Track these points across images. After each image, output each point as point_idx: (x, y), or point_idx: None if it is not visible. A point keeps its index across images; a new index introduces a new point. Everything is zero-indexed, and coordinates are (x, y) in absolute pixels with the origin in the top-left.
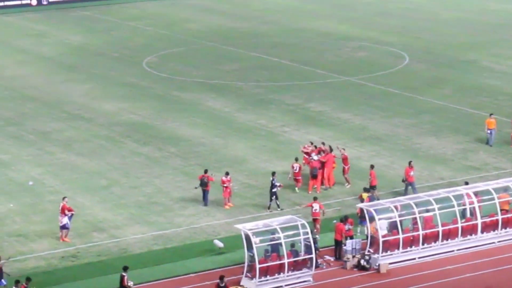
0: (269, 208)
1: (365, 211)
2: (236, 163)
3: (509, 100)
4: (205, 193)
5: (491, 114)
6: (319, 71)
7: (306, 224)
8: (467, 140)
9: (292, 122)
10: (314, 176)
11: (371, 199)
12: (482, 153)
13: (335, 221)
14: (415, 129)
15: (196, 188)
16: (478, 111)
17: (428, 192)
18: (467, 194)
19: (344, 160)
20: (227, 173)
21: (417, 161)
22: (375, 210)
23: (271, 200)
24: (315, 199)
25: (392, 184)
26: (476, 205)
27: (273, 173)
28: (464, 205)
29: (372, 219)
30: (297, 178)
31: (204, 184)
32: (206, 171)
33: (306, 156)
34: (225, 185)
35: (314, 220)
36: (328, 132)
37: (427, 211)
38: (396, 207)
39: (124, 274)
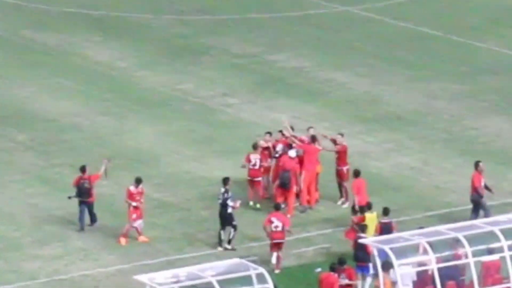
0: (220, 243)
1: (375, 252)
2: (140, 162)
3: None
4: (83, 208)
5: None
6: None
7: (267, 275)
8: None
9: (243, 88)
10: (284, 186)
11: (384, 228)
12: None
13: (319, 269)
14: (468, 102)
15: (70, 198)
16: None
17: (491, 217)
18: None
19: (341, 155)
20: (138, 181)
21: (471, 160)
22: (392, 249)
23: (223, 229)
24: (277, 208)
25: (425, 203)
26: None
27: (225, 181)
28: None
29: (386, 265)
30: (255, 180)
31: (83, 192)
32: (84, 169)
33: (267, 153)
34: (134, 203)
35: (274, 246)
36: (309, 106)
37: (490, 252)
38: (431, 245)
39: None
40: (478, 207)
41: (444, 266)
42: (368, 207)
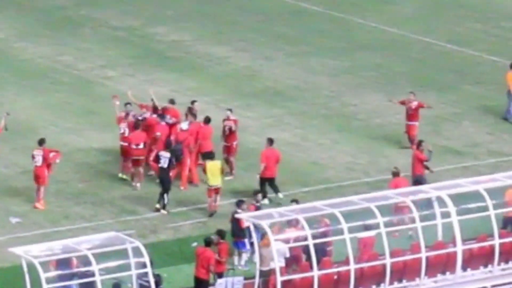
0: (164, 207)
1: (251, 227)
2: (17, 134)
3: None
4: None
5: None
6: None
7: (142, 249)
8: (449, 100)
9: (122, 61)
10: (177, 158)
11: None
12: (469, 124)
13: (195, 244)
14: (347, 79)
15: None
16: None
17: (364, 195)
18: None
19: (231, 131)
20: (41, 142)
21: (349, 136)
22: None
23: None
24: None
25: (302, 178)
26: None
27: (169, 145)
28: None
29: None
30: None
31: None
32: None
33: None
34: (35, 162)
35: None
36: (188, 80)
37: (366, 228)
38: (309, 220)
39: None
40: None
41: (321, 241)
42: (210, 156)
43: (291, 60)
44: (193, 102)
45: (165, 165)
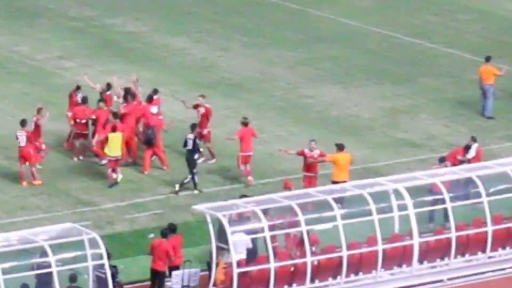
0: (195, 187)
1: (208, 219)
2: None
3: None
4: None
5: (489, 58)
6: None
7: (99, 240)
8: (406, 92)
9: (79, 52)
10: (150, 142)
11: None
12: (425, 117)
13: (151, 235)
14: (304, 70)
15: None
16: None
17: (320, 187)
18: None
19: (203, 119)
20: (23, 123)
21: (306, 128)
22: (227, 216)
23: (193, 177)
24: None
25: (259, 170)
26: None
27: (193, 128)
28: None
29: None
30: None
31: None
32: None
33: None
34: (19, 142)
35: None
36: (145, 71)
37: (317, 221)
38: (267, 213)
39: None
40: None
41: (276, 234)
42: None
43: (248, 52)
44: (154, 90)
45: (190, 147)
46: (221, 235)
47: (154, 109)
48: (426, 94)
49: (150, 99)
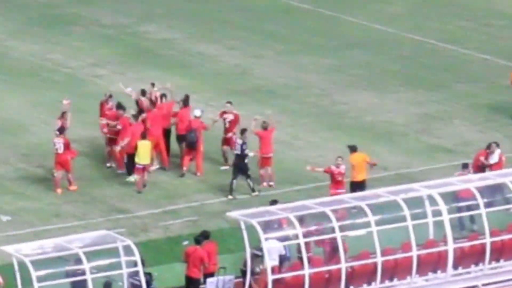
0: (231, 192)
1: (242, 226)
2: (7, 132)
3: None
4: None
5: None
6: None
7: (133, 247)
8: (439, 98)
9: (113, 59)
10: (191, 146)
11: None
12: (459, 122)
13: (186, 242)
14: (338, 77)
15: None
16: (457, 46)
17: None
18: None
19: (232, 124)
20: (61, 130)
21: (340, 134)
22: (260, 223)
23: (235, 178)
24: None
25: (293, 177)
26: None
27: (243, 132)
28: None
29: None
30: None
31: None
32: None
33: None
34: (57, 149)
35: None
36: (179, 78)
37: (342, 229)
38: (302, 220)
39: None
40: None
41: (311, 240)
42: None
43: (282, 58)
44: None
45: (239, 152)
46: (254, 242)
47: (197, 112)
48: (459, 100)
49: (186, 103)
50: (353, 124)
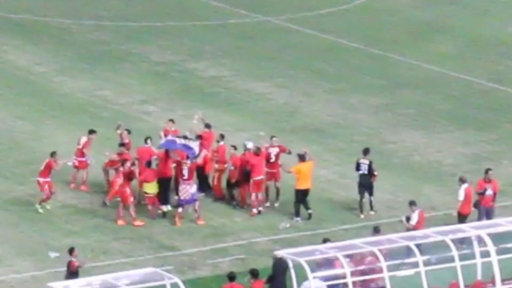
0: (361, 211)
1: (290, 264)
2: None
3: None
4: None
5: None
6: (215, 4)
7: (181, 285)
8: (489, 138)
9: (162, 96)
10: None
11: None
12: (508, 163)
13: (248, 278)
14: (387, 116)
15: None
16: (506, 86)
17: (403, 233)
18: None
19: (278, 157)
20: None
21: (388, 174)
22: (308, 262)
23: (364, 197)
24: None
25: (341, 216)
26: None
27: (366, 152)
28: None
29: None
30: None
31: None
32: None
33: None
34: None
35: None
36: (227, 116)
37: (399, 268)
38: (353, 258)
39: None
40: (481, 218)
41: (357, 280)
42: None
43: (331, 97)
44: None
45: (366, 171)
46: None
47: (249, 145)
48: (509, 140)
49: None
50: (401, 163)
